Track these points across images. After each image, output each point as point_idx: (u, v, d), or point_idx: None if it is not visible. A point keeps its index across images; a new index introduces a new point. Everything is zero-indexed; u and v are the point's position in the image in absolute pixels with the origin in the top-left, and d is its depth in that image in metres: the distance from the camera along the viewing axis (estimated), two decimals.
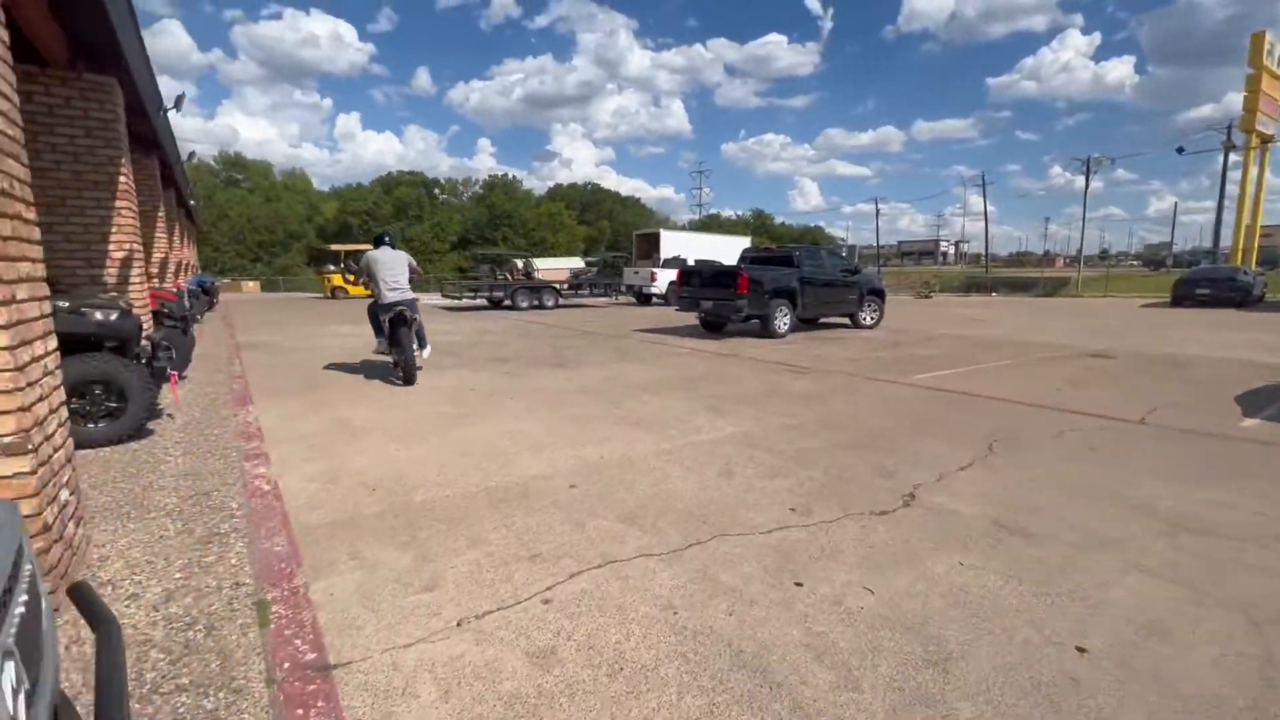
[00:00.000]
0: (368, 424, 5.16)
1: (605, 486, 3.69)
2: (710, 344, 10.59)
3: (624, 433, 4.88)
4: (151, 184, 9.23)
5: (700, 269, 12.29)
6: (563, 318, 16.41)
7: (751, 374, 7.57)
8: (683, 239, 27.16)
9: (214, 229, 49.46)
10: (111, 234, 5.64)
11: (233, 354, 9.41)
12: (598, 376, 7.40)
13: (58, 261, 5.48)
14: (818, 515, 3.27)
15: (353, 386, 6.80)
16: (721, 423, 5.20)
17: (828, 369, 7.95)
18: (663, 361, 8.59)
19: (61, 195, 5.44)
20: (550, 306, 19.86)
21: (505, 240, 55.49)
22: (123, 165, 5.64)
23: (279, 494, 3.55)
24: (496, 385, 6.84)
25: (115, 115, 5.56)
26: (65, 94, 5.37)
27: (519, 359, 8.81)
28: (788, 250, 12.41)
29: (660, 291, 22.25)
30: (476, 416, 5.41)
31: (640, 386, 6.76)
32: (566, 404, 5.90)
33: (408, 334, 6.95)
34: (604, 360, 8.70)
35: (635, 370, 7.85)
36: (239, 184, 58.71)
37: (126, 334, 4.63)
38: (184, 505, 3.36)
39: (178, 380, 6.87)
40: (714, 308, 11.35)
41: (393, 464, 4.10)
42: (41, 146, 5.33)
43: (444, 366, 8.13)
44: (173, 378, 5.12)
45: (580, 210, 71.02)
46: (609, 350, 9.77)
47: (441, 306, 21.42)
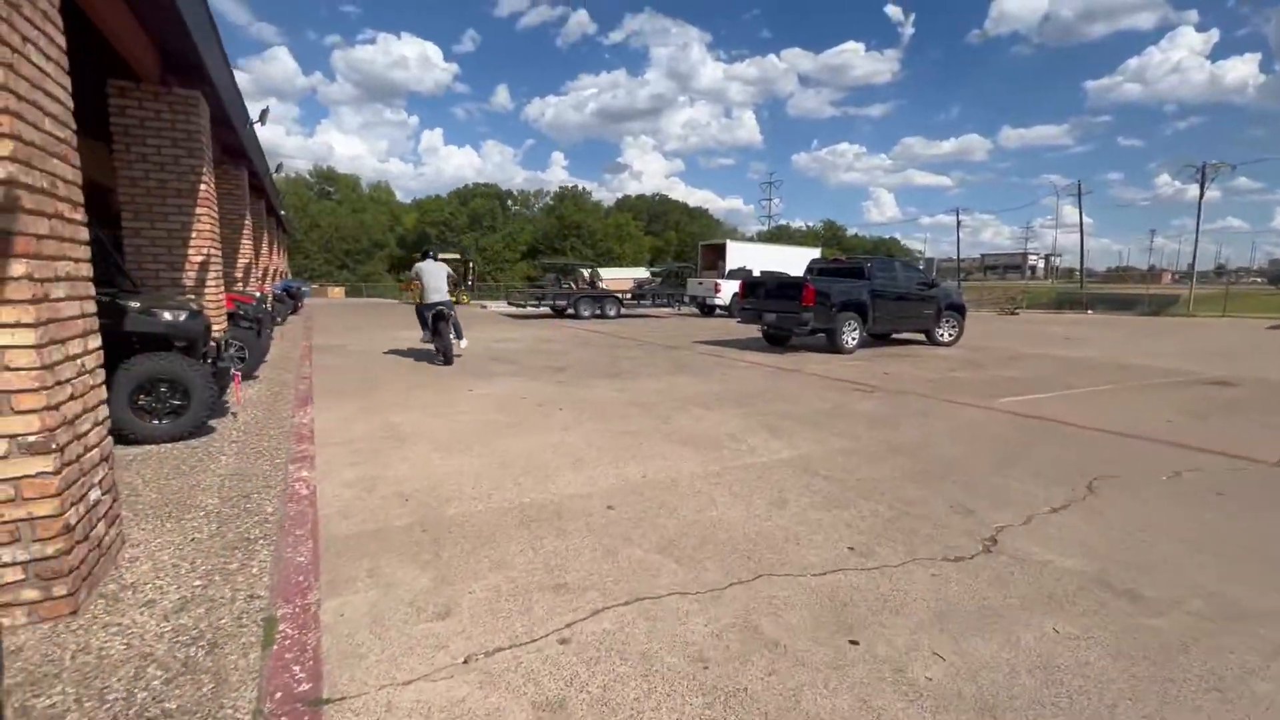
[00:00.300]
0: (416, 430, 5.13)
1: (644, 510, 3.43)
2: (772, 358, 10.14)
3: (671, 451, 4.61)
4: (239, 193, 9.81)
5: (764, 280, 11.87)
6: (624, 328, 16.31)
7: (813, 391, 7.12)
8: (749, 250, 26.62)
9: (306, 238, 53.00)
10: (191, 239, 5.93)
11: (305, 355, 9.81)
12: (651, 389, 7.16)
13: (143, 264, 5.81)
14: (880, 557, 2.88)
15: (409, 391, 6.87)
16: (777, 444, 4.84)
17: (898, 388, 7.38)
18: (720, 375, 8.26)
19: (149, 203, 5.76)
20: (612, 316, 19.86)
21: (573, 250, 56.45)
22: (204, 174, 5.92)
23: (315, 500, 3.50)
24: (548, 395, 6.72)
25: (199, 127, 5.85)
26: (156, 108, 5.70)
27: (575, 368, 8.70)
28: (858, 262, 11.80)
29: (724, 303, 21.82)
30: (523, 427, 5.29)
31: (694, 401, 6.46)
32: (616, 417, 5.69)
33: (445, 327, 8.95)
34: (660, 372, 8.46)
35: (690, 384, 7.56)
36: (330, 196, 62.70)
37: (194, 334, 4.80)
38: (223, 507, 3.36)
39: (242, 380, 7.18)
40: (777, 320, 10.90)
41: (432, 473, 4.00)
42: (133, 157, 5.67)
43: (500, 374, 8.13)
44: (236, 378, 5.28)
45: (647, 221, 71.43)
46: (666, 362, 9.52)
47: (506, 314, 21.87)
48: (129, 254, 5.75)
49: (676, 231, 71.42)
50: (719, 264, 25.25)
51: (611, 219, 64.84)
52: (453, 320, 9.10)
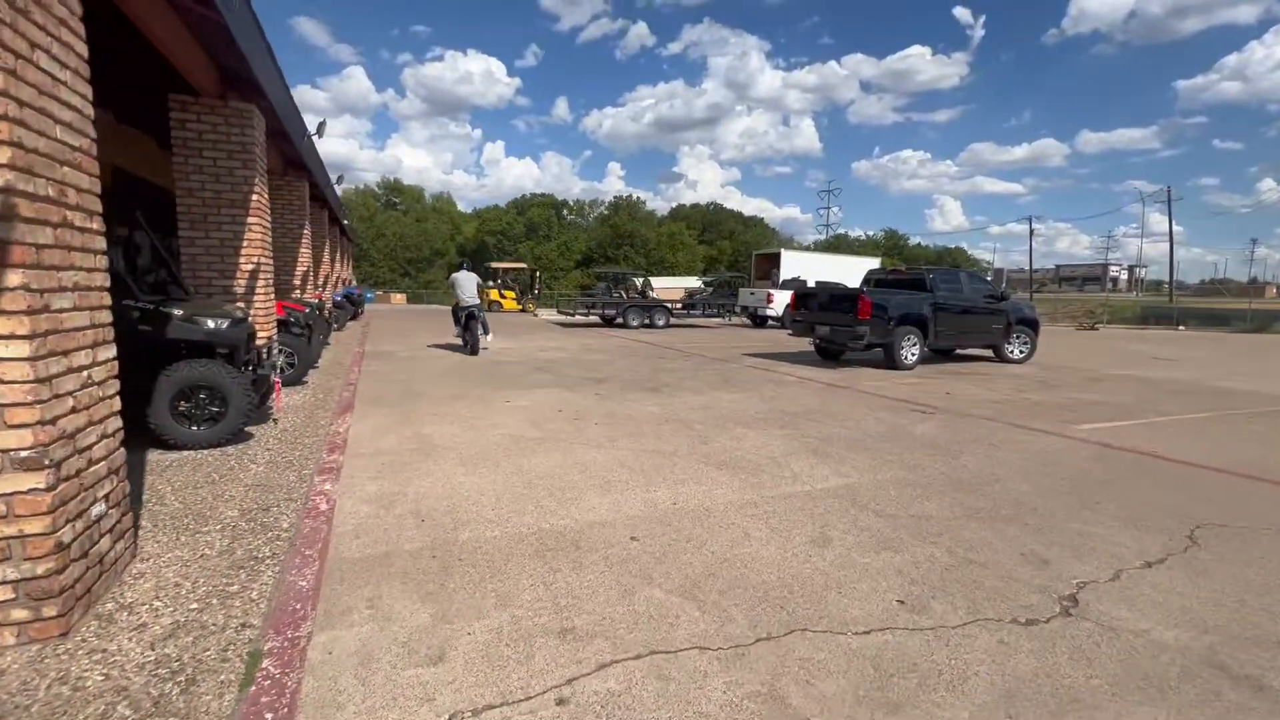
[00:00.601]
0: (446, 443, 5.03)
1: (670, 543, 3.16)
2: (824, 373, 9.65)
3: (707, 475, 4.31)
4: (299, 204, 10.16)
5: (817, 291, 11.38)
6: (672, 337, 16.06)
7: (867, 411, 6.65)
8: (805, 259, 25.92)
9: (372, 246, 55.37)
10: (243, 248, 6.08)
11: (356, 361, 10.02)
12: (692, 404, 6.87)
13: (198, 272, 5.99)
14: (936, 615, 2.51)
15: (447, 401, 6.82)
16: (824, 471, 4.46)
17: (962, 410, 6.81)
18: (766, 391, 7.87)
19: (204, 212, 5.94)
20: (661, 326, 19.64)
21: (626, 259, 56.71)
22: (256, 184, 6.07)
23: (331, 516, 3.40)
24: (585, 408, 6.54)
25: (253, 139, 6.00)
26: (213, 120, 5.87)
27: (615, 380, 8.50)
28: (919, 272, 11.14)
29: (776, 314, 21.25)
30: (554, 442, 5.10)
31: (736, 419, 6.13)
32: (651, 434, 5.43)
33: (474, 324, 11.15)
34: (703, 386, 8.15)
35: (734, 400, 7.22)
36: (396, 206, 65.38)
37: (235, 341, 4.85)
38: (241, 520, 3.30)
39: (292, 386, 7.31)
40: (830, 333, 10.39)
41: (453, 491, 3.86)
42: (191, 168, 5.86)
43: (539, 384, 8.02)
44: (277, 385, 5.33)
45: (701, 230, 71.05)
46: (711, 375, 9.20)
47: (555, 322, 21.99)
48: (185, 262, 5.94)
49: (730, 240, 70.74)
50: (773, 273, 24.66)
51: (665, 228, 64.84)
52: (481, 320, 11.28)
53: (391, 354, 11.27)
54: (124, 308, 4.31)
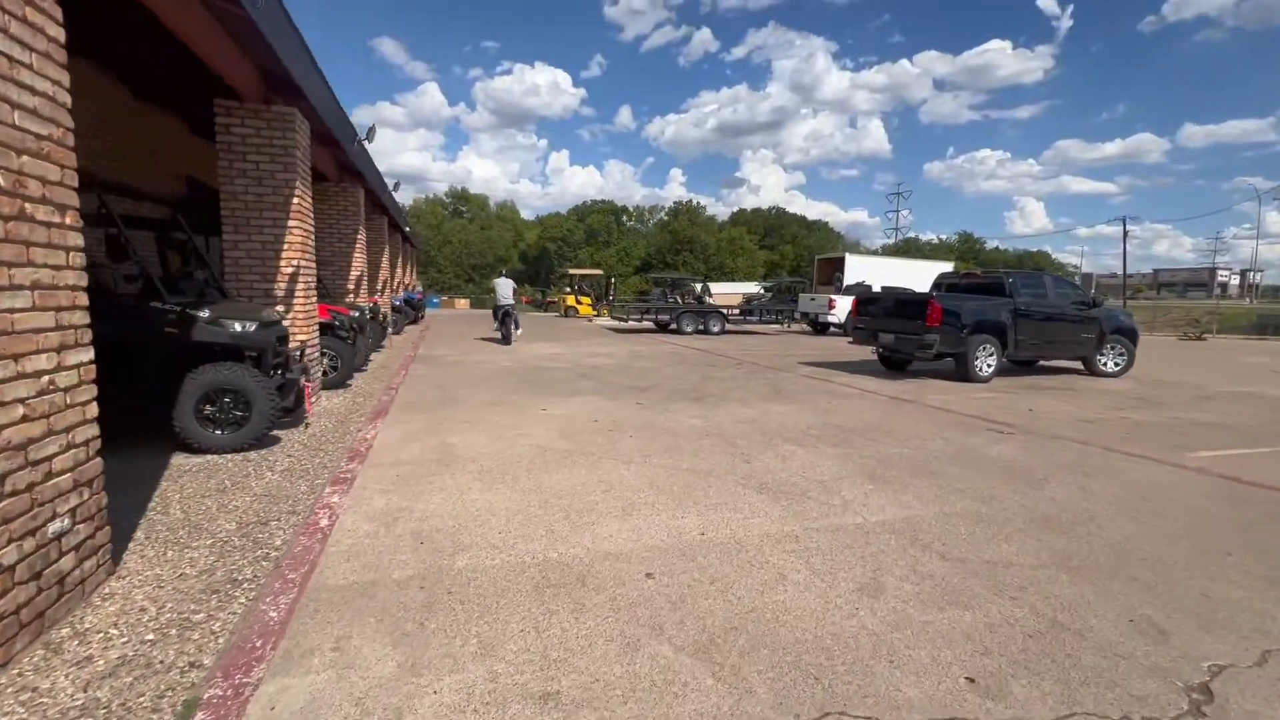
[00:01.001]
0: (469, 454, 4.77)
1: (691, 583, 2.73)
2: (887, 385, 8.90)
3: (744, 499, 3.84)
4: (354, 209, 10.34)
5: (881, 296, 10.59)
6: (726, 344, 15.50)
7: (934, 429, 5.96)
8: (871, 264, 24.73)
9: (439, 253, 57.34)
10: (283, 251, 6.08)
11: (405, 365, 10.07)
12: (738, 417, 6.37)
13: (240, 275, 6.02)
14: (1016, 702, 1.97)
15: (481, 408, 6.62)
16: (880, 499, 3.90)
17: (1047, 430, 6.00)
18: (821, 404, 7.27)
19: (247, 215, 5.97)
20: (716, 332, 19.08)
21: (685, 265, 56.27)
22: (297, 187, 6.06)
23: (328, 534, 3.16)
24: (622, 418, 6.17)
25: (294, 142, 6.00)
26: (256, 124, 5.90)
27: (659, 389, 8.10)
28: (997, 276, 10.17)
29: (838, 320, 20.28)
30: (582, 455, 4.75)
31: (785, 434, 5.60)
32: (688, 450, 4.99)
33: (509, 320, 13.82)
34: (752, 397, 7.62)
35: (785, 413, 6.67)
36: (462, 215, 67.54)
37: (261, 345, 4.77)
38: (235, 534, 3.11)
39: (334, 389, 7.31)
40: (895, 342, 9.61)
41: (462, 510, 3.56)
42: (235, 172, 5.91)
43: (579, 392, 7.72)
44: (307, 389, 5.24)
45: (762, 235, 69.71)
46: (762, 385, 8.64)
47: (609, 328, 21.81)
48: (228, 265, 5.99)
49: (793, 245, 69.03)
50: (836, 278, 23.65)
51: (725, 233, 63.98)
52: (514, 317, 14.13)
53: (441, 358, 11.30)
54: (150, 310, 4.28)
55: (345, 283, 10.39)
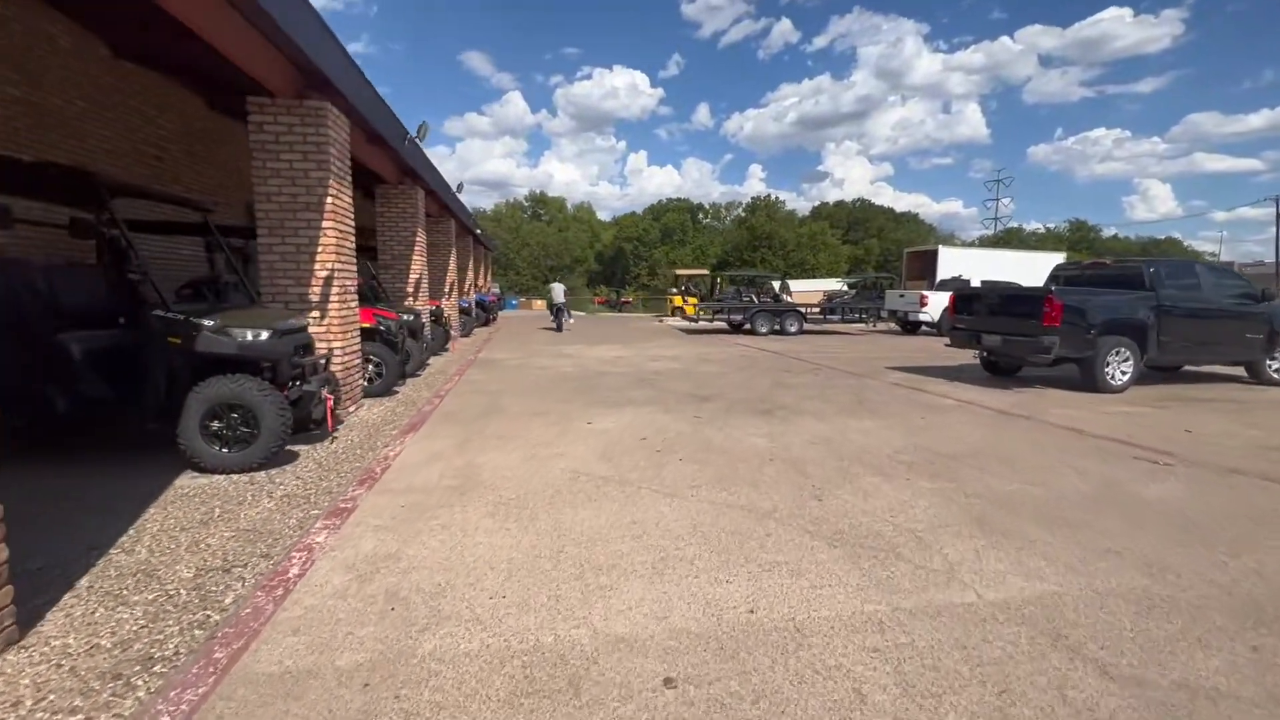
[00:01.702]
0: (492, 478, 4.18)
1: (724, 702, 1.94)
2: (993, 395, 7.60)
3: (811, 557, 2.99)
4: (412, 211, 10.17)
5: (984, 292, 9.19)
6: (804, 346, 14.34)
7: (1061, 456, 4.79)
8: (968, 256, 22.57)
9: (517, 255, 58.70)
10: (317, 253, 5.78)
11: (462, 370, 9.77)
12: (811, 435, 5.45)
13: (275, 280, 5.77)
14: None
15: (524, 420, 6.06)
16: (999, 562, 2.92)
17: (1221, 462, 4.68)
18: (914, 419, 6.18)
19: (281, 217, 5.71)
20: (793, 332, 17.86)
21: (763, 262, 54.54)
22: (331, 186, 5.73)
23: (289, 590, 2.62)
24: (674, 435, 5.41)
25: (327, 138, 5.67)
26: (289, 121, 5.62)
27: (723, 398, 7.26)
28: (1133, 265, 8.53)
29: (932, 319, 18.50)
30: (619, 485, 4.04)
31: (868, 460, 4.64)
32: (747, 480, 4.17)
33: (560, 314, 18.31)
34: (829, 409, 6.63)
35: (868, 431, 5.66)
36: (540, 217, 68.91)
37: (275, 355, 4.40)
38: (186, 587, 2.63)
39: (378, 397, 6.99)
40: (1003, 344, 8.24)
41: (457, 560, 2.94)
42: (268, 172, 5.65)
43: (633, 401, 7.02)
44: (328, 402, 4.85)
45: (846, 229, 66.54)
46: (842, 394, 7.60)
47: (680, 328, 21.03)
48: (263, 270, 5.75)
49: (879, 239, 65.43)
50: (928, 273, 21.71)
51: (805, 227, 61.51)
52: (566, 311, 18.78)
53: (500, 362, 10.97)
54: (152, 319, 3.98)
55: (404, 286, 10.25)
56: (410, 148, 8.53)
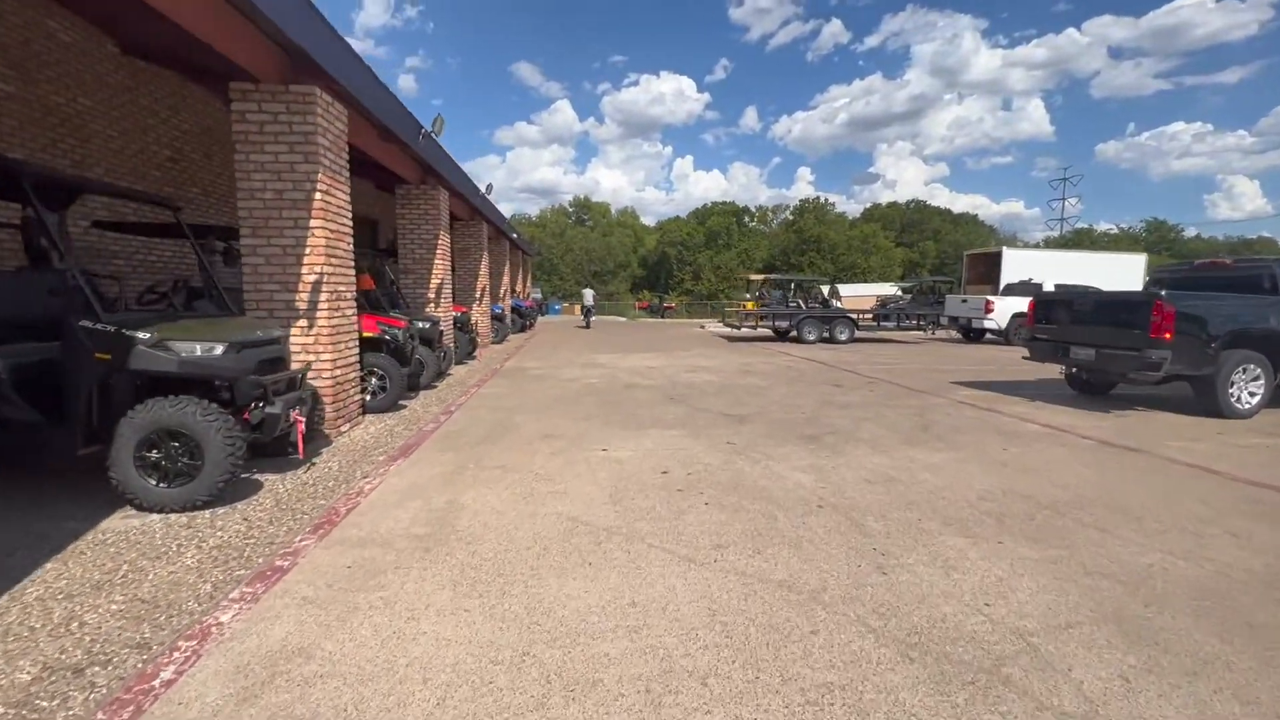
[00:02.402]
0: (473, 526, 3.43)
1: None
2: (1088, 420, 6.42)
3: (875, 683, 2.08)
4: (435, 213, 9.64)
5: (1071, 296, 7.94)
6: (856, 356, 13.19)
7: (1204, 510, 3.69)
8: (1036, 259, 20.75)
9: (560, 261, 58.66)
10: (305, 255, 5.19)
11: (484, 380, 9.15)
12: (868, 470, 4.49)
13: (260, 285, 5.21)
14: None
15: (531, 444, 5.31)
16: (1170, 706, 1.95)
17: None
18: (993, 449, 5.12)
19: (266, 216, 5.15)
20: (844, 340, 16.66)
21: (812, 265, 52.77)
22: (320, 181, 5.15)
23: (140, 710, 1.90)
24: (703, 468, 4.55)
25: (314, 126, 5.09)
26: (274, 109, 5.06)
27: (762, 418, 6.34)
28: (1259, 266, 7.16)
29: (998, 326, 16.98)
30: (623, 541, 3.22)
31: (943, 509, 3.67)
32: (788, 537, 3.27)
33: (589, 314, 25.56)
34: (888, 435, 5.63)
35: (940, 466, 4.66)
36: (584, 223, 68.84)
37: (229, 373, 3.78)
38: (12, 695, 1.95)
39: (383, 413, 6.38)
40: (1098, 359, 7.01)
41: (382, 665, 2.17)
42: (252, 165, 5.10)
43: (660, 421, 6.18)
44: (299, 426, 4.21)
45: (899, 231, 63.89)
46: (904, 415, 6.56)
47: (722, 335, 20.04)
48: (246, 273, 5.20)
49: (935, 241, 62.50)
50: (991, 277, 20.07)
51: (856, 230, 59.30)
52: (593, 314, 25.06)
53: (526, 372, 10.31)
54: (79, 330, 3.39)
55: (425, 291, 9.73)
56: (426, 144, 7.97)
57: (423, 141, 7.80)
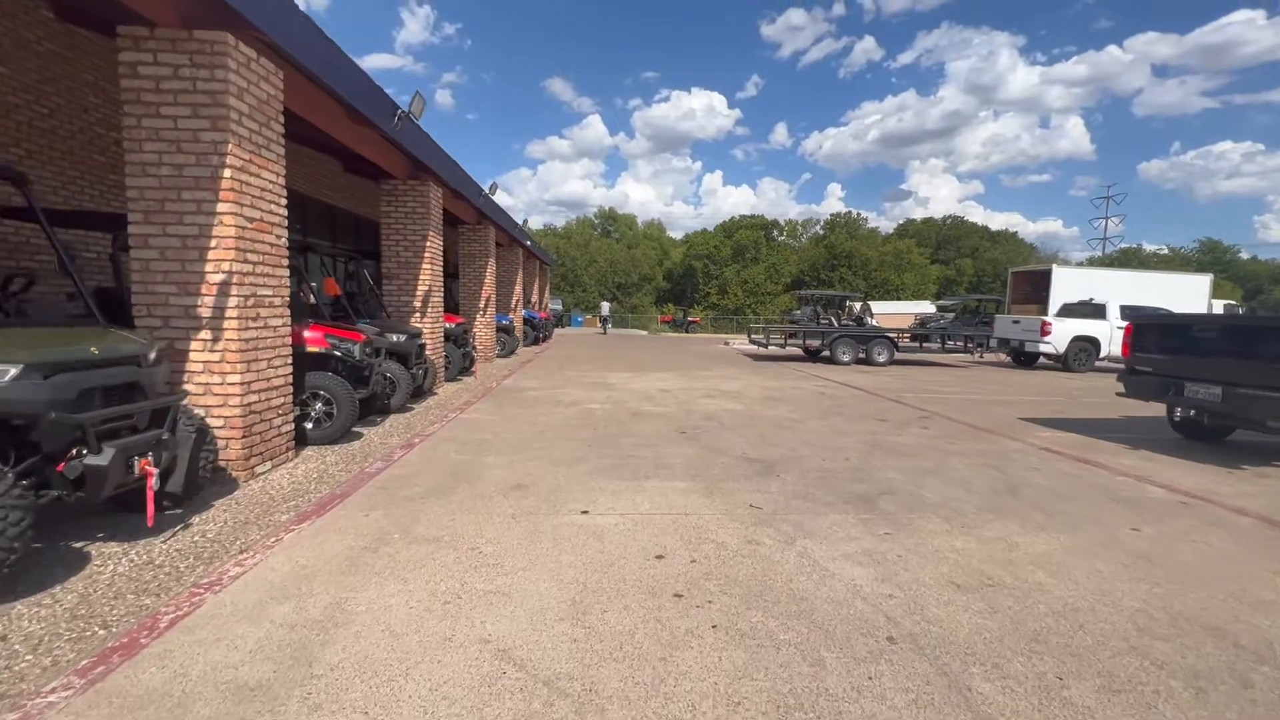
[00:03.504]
0: (342, 668, 2.18)
1: None
2: (1223, 482, 4.92)
3: None
4: (423, 211, 8.54)
5: (1185, 321, 6.41)
6: (898, 381, 11.69)
7: None
8: (1088, 277, 18.94)
9: (584, 272, 57.81)
10: (210, 249, 4.06)
11: (468, 403, 7.96)
12: (951, 565, 3.12)
13: (149, 285, 4.09)
14: None
15: (491, 501, 4.07)
16: None
17: None
18: (1122, 532, 3.70)
19: (161, 198, 4.04)
20: (882, 362, 15.13)
21: (843, 281, 50.99)
22: (230, 154, 4.02)
23: None
24: (713, 556, 3.23)
25: (224, 84, 3.98)
26: (174, 61, 3.97)
27: (795, 468, 4.99)
28: None
29: (1055, 350, 15.27)
30: (570, 716, 1.93)
31: (1090, 658, 2.30)
32: (844, 715, 1.94)
33: (606, 323, 34.53)
34: (966, 500, 4.23)
35: (1053, 558, 3.26)
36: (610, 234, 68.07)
37: (21, 408, 2.61)
38: None
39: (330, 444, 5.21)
40: (1226, 400, 5.49)
41: None
42: (145, 133, 4.00)
43: (664, 468, 4.87)
44: (149, 480, 3.02)
45: (935, 248, 61.70)
46: (977, 467, 5.14)
47: (746, 353, 18.62)
48: (135, 270, 4.09)
49: (972, 259, 60.11)
50: (1039, 296, 18.38)
51: (889, 245, 57.32)
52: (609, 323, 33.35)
53: (523, 393, 9.09)
54: None
55: (411, 299, 8.61)
56: (405, 128, 6.87)
57: (399, 125, 6.70)
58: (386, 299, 8.57)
